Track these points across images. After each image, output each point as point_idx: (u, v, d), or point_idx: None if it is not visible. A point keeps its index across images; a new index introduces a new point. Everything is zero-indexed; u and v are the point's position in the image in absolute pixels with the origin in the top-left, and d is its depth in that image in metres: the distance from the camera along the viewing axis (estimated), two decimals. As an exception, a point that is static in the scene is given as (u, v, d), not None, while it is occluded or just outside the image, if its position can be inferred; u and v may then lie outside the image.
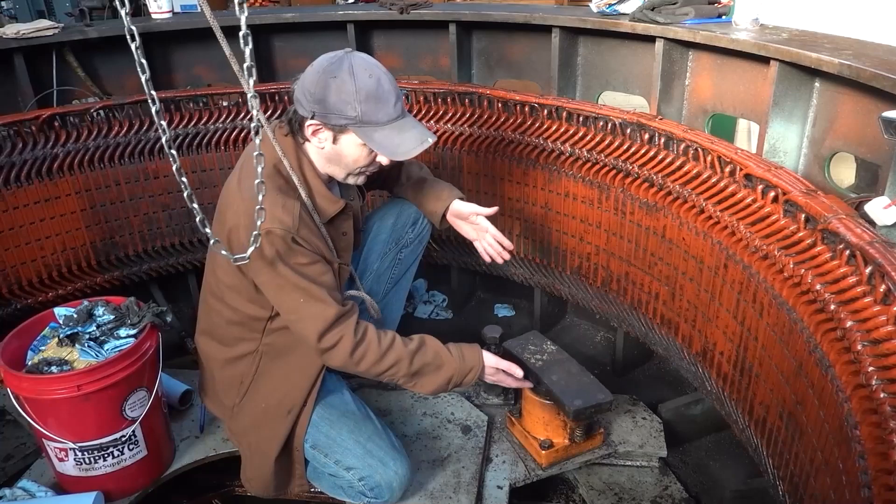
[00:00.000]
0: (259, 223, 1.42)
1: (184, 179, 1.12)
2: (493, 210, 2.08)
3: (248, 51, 1.15)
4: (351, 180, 1.80)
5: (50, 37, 2.61)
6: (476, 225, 2.12)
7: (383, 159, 1.74)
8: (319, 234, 1.74)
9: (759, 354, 1.74)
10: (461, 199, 2.12)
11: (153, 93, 1.00)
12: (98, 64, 2.86)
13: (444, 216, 2.14)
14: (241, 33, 1.11)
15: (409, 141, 1.68)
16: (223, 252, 1.34)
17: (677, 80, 2.27)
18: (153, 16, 2.88)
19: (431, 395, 1.96)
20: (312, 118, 1.64)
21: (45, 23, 2.67)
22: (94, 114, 2.53)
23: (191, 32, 2.86)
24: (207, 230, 1.25)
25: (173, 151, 1.08)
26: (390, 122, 1.65)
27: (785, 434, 1.63)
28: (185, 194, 1.14)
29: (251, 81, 1.19)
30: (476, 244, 2.16)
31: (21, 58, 2.63)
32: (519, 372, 1.96)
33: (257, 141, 1.26)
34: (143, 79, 0.99)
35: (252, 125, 1.23)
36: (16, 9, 5.95)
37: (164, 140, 1.05)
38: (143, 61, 0.98)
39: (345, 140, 1.68)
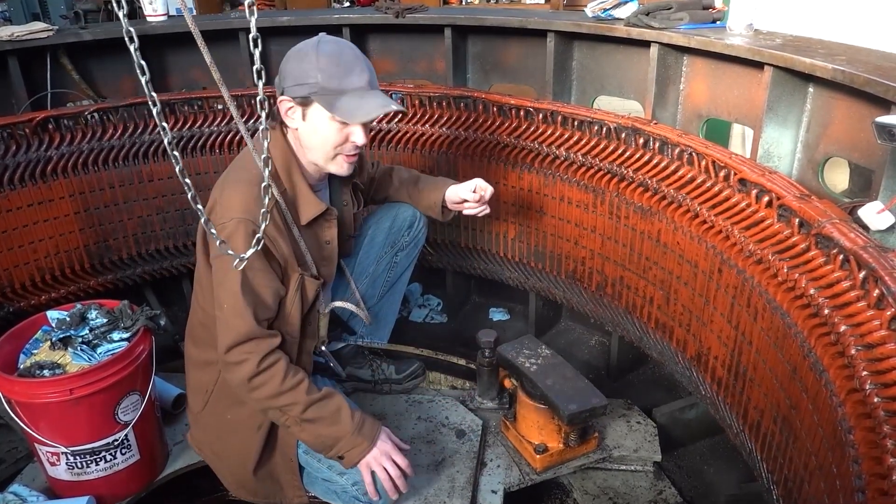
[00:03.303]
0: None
1: (187, 181, 1.11)
2: (478, 187, 2.10)
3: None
4: (332, 168, 1.76)
5: (44, 39, 2.60)
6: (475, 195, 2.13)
7: (357, 138, 1.69)
8: (289, 236, 1.71)
9: (754, 359, 1.74)
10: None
11: (153, 94, 0.99)
12: (92, 66, 2.86)
13: (444, 206, 2.14)
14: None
15: (368, 104, 1.64)
16: (230, 252, 1.33)
17: (672, 85, 2.28)
18: (148, 18, 2.87)
19: (311, 448, 1.80)
20: (282, 94, 1.66)
21: (39, 25, 2.67)
22: (89, 116, 2.52)
23: (186, 35, 2.84)
24: (213, 231, 1.25)
25: (176, 153, 1.08)
26: (354, 90, 1.63)
27: (779, 438, 1.63)
28: (189, 195, 1.13)
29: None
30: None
31: (15, 60, 2.62)
32: (405, 468, 1.76)
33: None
34: (143, 80, 0.99)
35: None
36: (10, 11, 5.94)
37: (166, 142, 1.04)
38: (143, 63, 0.97)
39: (312, 114, 1.66)
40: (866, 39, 1.89)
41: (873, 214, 1.50)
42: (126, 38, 0.94)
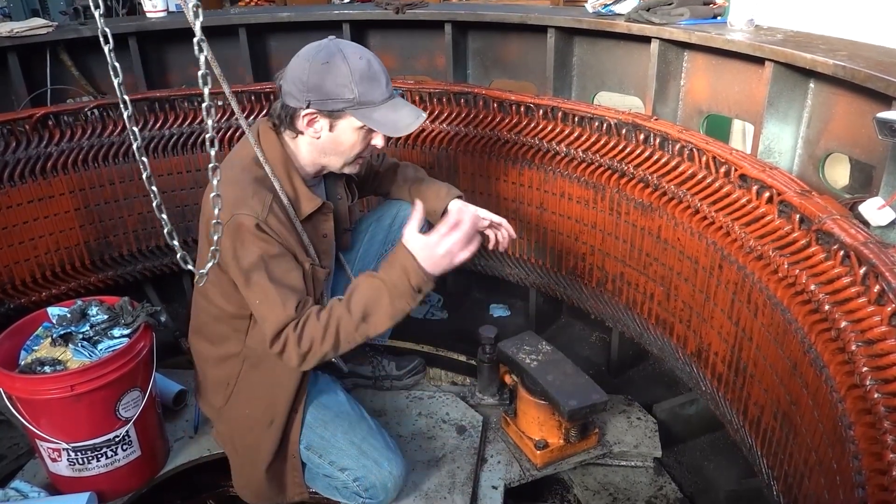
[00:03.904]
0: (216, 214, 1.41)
1: (154, 188, 1.10)
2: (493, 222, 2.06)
3: None
4: (347, 169, 1.80)
5: (44, 35, 2.60)
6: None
7: (378, 142, 1.73)
8: (292, 230, 1.72)
9: (754, 355, 1.74)
10: (460, 197, 2.12)
11: (126, 97, 0.99)
12: (92, 63, 2.85)
13: (443, 215, 2.13)
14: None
15: (406, 117, 1.69)
16: (188, 267, 1.32)
17: (672, 81, 2.27)
18: (148, 14, 2.86)
19: (397, 320, 1.68)
20: (308, 107, 1.63)
21: (39, 21, 2.66)
22: (88, 113, 2.52)
23: (186, 31, 2.82)
24: (178, 250, 1.23)
25: (145, 159, 1.07)
26: (384, 101, 1.66)
27: (779, 434, 1.63)
28: (153, 204, 1.12)
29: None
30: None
31: (15, 56, 2.62)
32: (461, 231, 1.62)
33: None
34: (115, 83, 0.98)
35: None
36: (10, 7, 5.92)
37: (135, 146, 1.04)
38: (116, 65, 0.96)
39: (341, 126, 1.67)
40: (867, 35, 1.88)
41: (874, 210, 1.50)
42: (101, 39, 0.93)
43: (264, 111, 2.66)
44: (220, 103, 2.70)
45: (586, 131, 2.31)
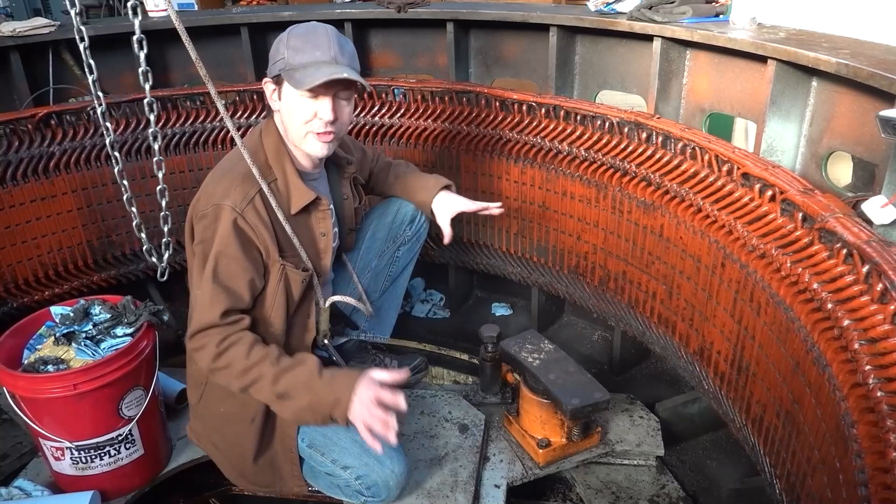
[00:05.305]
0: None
1: (125, 182, 1.12)
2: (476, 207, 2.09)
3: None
4: (307, 148, 1.74)
5: (46, 35, 2.60)
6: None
7: (324, 114, 1.67)
8: (274, 226, 1.72)
9: (756, 353, 1.74)
10: (448, 187, 2.15)
11: (100, 94, 1.00)
12: (94, 62, 2.85)
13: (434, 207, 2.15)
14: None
15: (321, 72, 1.61)
16: (152, 259, 1.33)
17: (675, 79, 2.27)
18: (150, 14, 2.87)
19: (303, 423, 1.75)
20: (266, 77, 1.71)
21: (41, 21, 2.66)
22: (91, 112, 2.52)
23: (188, 30, 2.84)
24: (145, 243, 1.26)
25: (117, 154, 1.08)
26: (314, 63, 1.63)
27: (782, 433, 1.63)
28: (124, 198, 1.14)
29: None
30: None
31: (17, 56, 2.62)
32: (392, 405, 1.63)
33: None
34: (90, 79, 0.99)
35: None
36: (12, 7, 5.93)
37: (108, 142, 1.05)
38: (91, 62, 0.97)
39: (285, 93, 1.68)
40: (870, 33, 1.88)
41: (877, 208, 1.50)
42: (77, 38, 0.94)
43: (266, 109, 2.66)
44: (232, 101, 2.71)
45: (588, 130, 2.30)
